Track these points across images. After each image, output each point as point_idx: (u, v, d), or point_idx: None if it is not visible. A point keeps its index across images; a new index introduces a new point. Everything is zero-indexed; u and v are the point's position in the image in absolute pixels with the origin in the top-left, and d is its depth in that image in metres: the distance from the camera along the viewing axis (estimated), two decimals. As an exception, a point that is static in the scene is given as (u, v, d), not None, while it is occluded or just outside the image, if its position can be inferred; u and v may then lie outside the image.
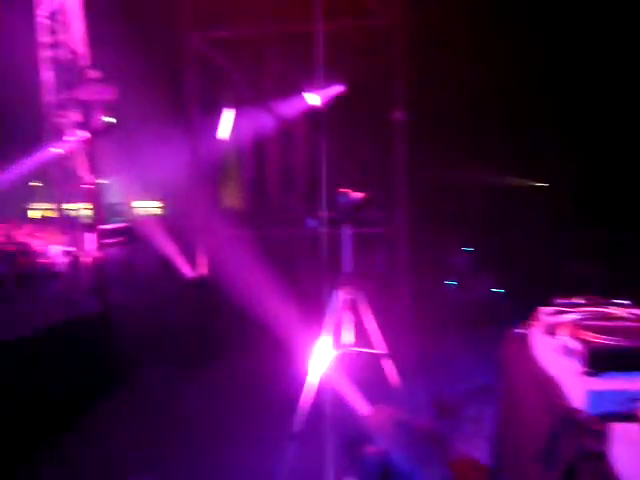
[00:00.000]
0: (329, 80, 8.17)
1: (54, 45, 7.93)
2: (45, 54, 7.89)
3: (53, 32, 7.94)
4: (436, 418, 5.36)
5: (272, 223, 10.24)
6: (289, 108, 9.70)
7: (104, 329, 7.54)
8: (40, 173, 9.25)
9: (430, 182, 9.72)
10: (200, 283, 10.20)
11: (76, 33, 7.86)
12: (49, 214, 18.30)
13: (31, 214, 19.01)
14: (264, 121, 10.14)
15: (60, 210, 8.96)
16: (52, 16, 7.96)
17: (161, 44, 9.66)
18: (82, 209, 8.63)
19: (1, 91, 8.30)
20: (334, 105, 8.28)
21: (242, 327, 7.70)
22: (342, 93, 9.01)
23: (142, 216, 15.66)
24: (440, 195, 9.90)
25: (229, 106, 10.47)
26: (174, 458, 4.92)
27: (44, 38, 7.91)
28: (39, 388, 5.50)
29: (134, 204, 16.82)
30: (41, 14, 7.90)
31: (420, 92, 9.07)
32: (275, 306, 6.98)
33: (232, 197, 11.40)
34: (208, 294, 9.19)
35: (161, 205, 17.66)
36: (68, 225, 9.88)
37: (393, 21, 9.18)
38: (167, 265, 10.85)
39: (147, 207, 17.41)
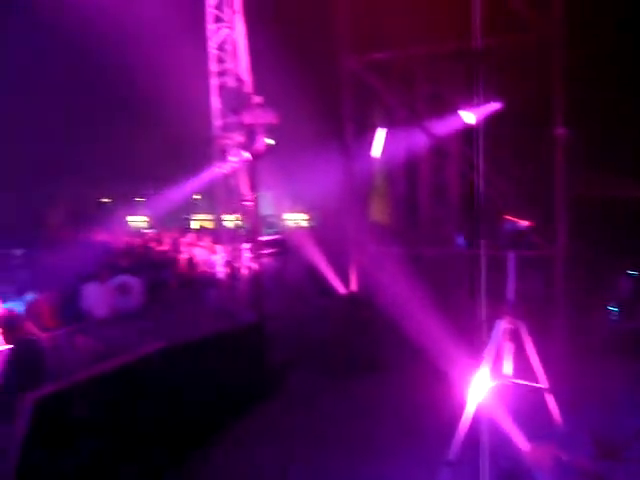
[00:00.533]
0: (485, 97, 8.01)
1: (222, 73, 8.60)
2: (214, 82, 8.59)
3: (221, 61, 8.61)
4: (597, 458, 5.01)
5: (423, 241, 10.21)
6: (442, 126, 9.65)
7: (259, 339, 7.92)
8: (203, 188, 10.15)
9: (592, 199, 9.12)
10: (351, 298, 10.41)
11: (242, 62, 8.47)
12: (207, 225, 19.78)
13: (192, 224, 20.67)
14: (416, 139, 10.17)
15: (219, 222, 9.63)
16: (220, 47, 8.64)
17: (318, 67, 10.08)
18: (238, 221, 9.18)
19: (177, 116, 9.20)
20: (490, 122, 8.08)
21: (392, 346, 7.74)
22: (498, 110, 8.80)
23: (292, 228, 16.35)
24: (602, 214, 9.25)
25: (382, 125, 10.64)
26: (329, 473, 5.07)
27: (214, 67, 8.61)
28: (198, 392, 5.88)
29: (285, 216, 17.62)
30: (212, 45, 8.60)
31: (580, 107, 8.59)
32: (427, 328, 6.95)
33: (383, 214, 11.54)
34: (358, 310, 9.35)
35: (309, 217, 18.33)
36: (227, 236, 10.56)
37: (550, 35, 8.82)
38: (317, 278, 11.21)
39: (296, 219, 18.16)
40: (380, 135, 10.55)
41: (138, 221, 20.58)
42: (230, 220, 9.31)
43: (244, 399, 6.75)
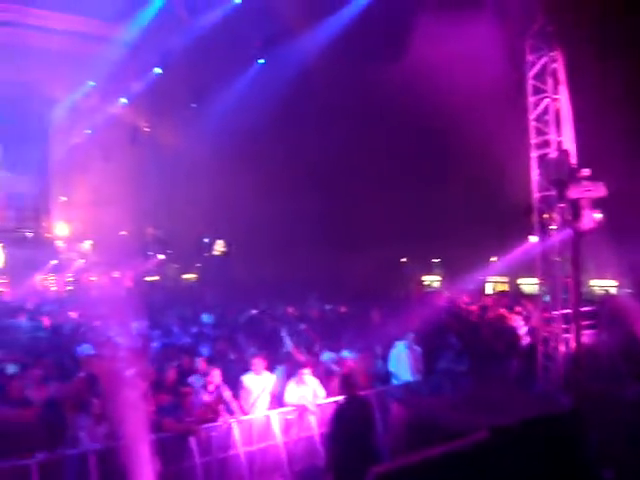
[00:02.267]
0: None
1: (542, 145, 8.44)
2: (534, 154, 8.46)
3: (542, 133, 8.46)
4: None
5: None
6: None
7: (577, 431, 7.24)
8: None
9: None
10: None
11: (565, 132, 8.20)
12: (501, 288, 19.31)
13: (487, 287, 20.35)
14: None
15: (516, 286, 9.20)
16: (540, 118, 8.51)
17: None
18: (540, 286, 8.69)
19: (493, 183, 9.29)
20: None
21: None
22: None
23: (604, 296, 14.86)
24: None
25: None
26: None
27: (534, 139, 8.50)
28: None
29: (592, 282, 16.14)
30: (532, 118, 8.53)
31: None
32: None
33: None
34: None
35: (619, 284, 16.49)
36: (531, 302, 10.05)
37: None
38: (636, 356, 9.91)
39: (605, 286, 16.50)
40: None
41: (433, 281, 21.12)
42: (530, 284, 8.90)
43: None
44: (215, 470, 6.95)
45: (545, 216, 8.30)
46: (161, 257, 22.54)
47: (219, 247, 21.45)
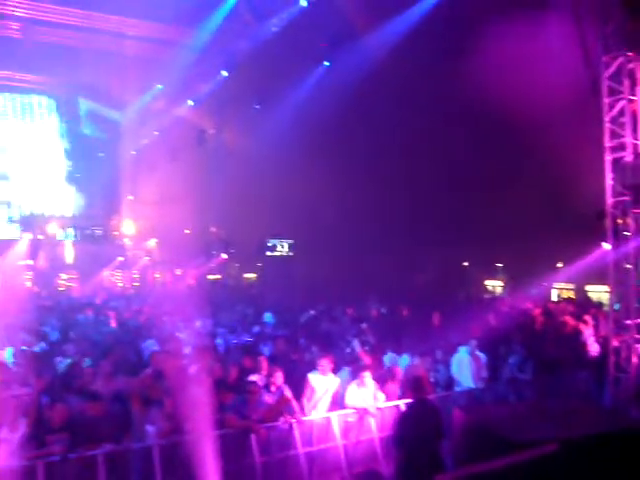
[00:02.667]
0: None
1: (617, 148, 8.10)
2: (609, 157, 8.13)
3: (617, 136, 8.12)
4: None
5: None
6: None
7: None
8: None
9: None
10: None
11: (643, 135, 7.85)
12: (567, 295, 18.67)
13: (553, 294, 19.73)
14: None
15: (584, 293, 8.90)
16: (615, 120, 8.17)
17: None
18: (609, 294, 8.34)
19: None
20: None
21: None
22: None
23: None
24: None
25: None
26: None
27: (608, 142, 8.17)
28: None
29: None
30: (607, 119, 8.20)
31: None
32: None
33: None
34: None
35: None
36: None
37: None
38: None
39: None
40: None
41: (495, 285, 20.68)
42: (598, 292, 8.58)
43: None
44: (275, 469, 7.01)
45: (619, 222, 7.96)
46: (224, 256, 22.94)
47: (281, 247, 21.66)
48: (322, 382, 7.70)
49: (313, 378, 7.70)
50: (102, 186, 26.37)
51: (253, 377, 7.67)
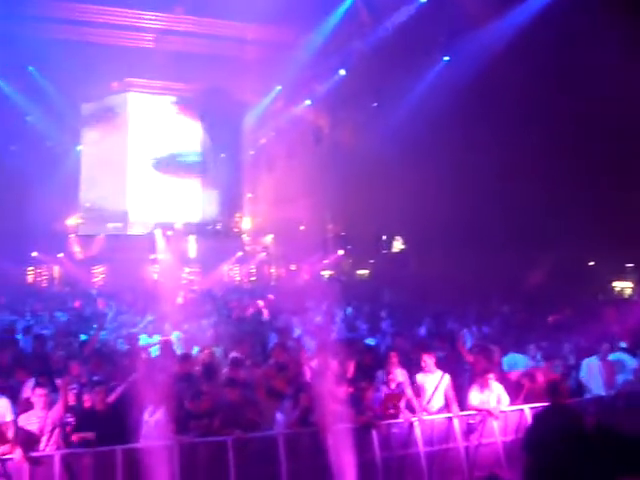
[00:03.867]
0: None
1: None
2: None
3: None
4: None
5: None
6: None
7: None
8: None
9: None
10: None
11: None
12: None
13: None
14: None
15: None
16: None
17: None
18: None
19: None
20: None
21: None
22: None
23: None
24: None
25: None
26: None
27: None
28: None
29: None
30: None
31: None
32: None
33: None
34: None
35: None
36: None
37: None
38: None
39: None
40: None
41: (625, 287, 19.23)
42: None
43: None
44: (394, 466, 7.02)
45: None
46: (340, 253, 23.18)
47: (397, 244, 21.53)
48: (429, 380, 7.62)
49: (419, 377, 7.65)
50: (224, 185, 27.62)
51: (379, 373, 7.70)
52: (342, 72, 20.00)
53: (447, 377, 7.67)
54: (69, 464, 5.90)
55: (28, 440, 6.05)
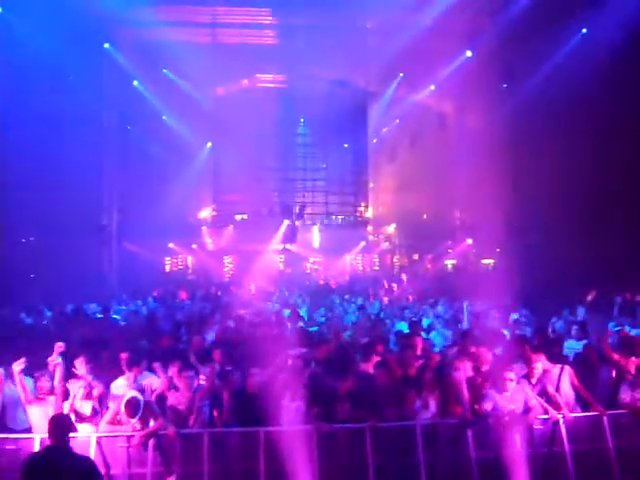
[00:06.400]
0: None
1: None
2: None
3: None
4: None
5: None
6: None
7: None
8: None
9: None
10: None
11: None
12: None
13: None
14: None
15: None
16: None
17: None
18: None
19: None
20: None
21: None
22: None
23: None
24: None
25: None
26: None
27: None
28: None
29: None
30: None
31: None
32: None
33: None
34: None
35: None
36: None
37: None
38: None
39: None
40: None
41: None
42: None
43: None
44: (539, 464, 6.69)
45: None
46: (469, 242, 22.56)
47: (525, 233, 20.46)
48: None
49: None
50: (346, 175, 27.85)
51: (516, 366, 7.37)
52: (468, 53, 19.31)
53: (567, 369, 7.20)
54: (216, 442, 6.21)
55: (178, 418, 6.46)
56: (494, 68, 17.72)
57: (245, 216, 27.09)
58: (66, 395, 6.38)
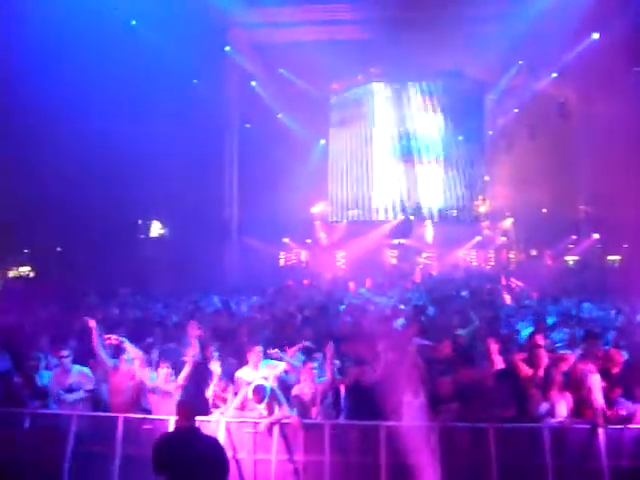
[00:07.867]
0: None
1: None
2: None
3: None
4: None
5: None
6: None
7: None
8: None
9: None
10: None
11: None
12: None
13: None
14: None
15: None
16: None
17: None
18: None
19: None
20: None
21: None
22: None
23: None
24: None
25: None
26: None
27: None
28: None
29: None
30: None
31: None
32: None
33: None
34: None
35: None
36: None
37: None
38: None
39: None
40: None
41: None
42: None
43: None
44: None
45: None
46: (595, 236, 21.23)
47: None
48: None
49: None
50: (464, 169, 27.21)
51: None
52: (595, 36, 18.05)
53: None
54: (337, 434, 6.35)
55: (301, 408, 6.67)
56: (624, 51, 16.42)
57: (360, 211, 27.29)
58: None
